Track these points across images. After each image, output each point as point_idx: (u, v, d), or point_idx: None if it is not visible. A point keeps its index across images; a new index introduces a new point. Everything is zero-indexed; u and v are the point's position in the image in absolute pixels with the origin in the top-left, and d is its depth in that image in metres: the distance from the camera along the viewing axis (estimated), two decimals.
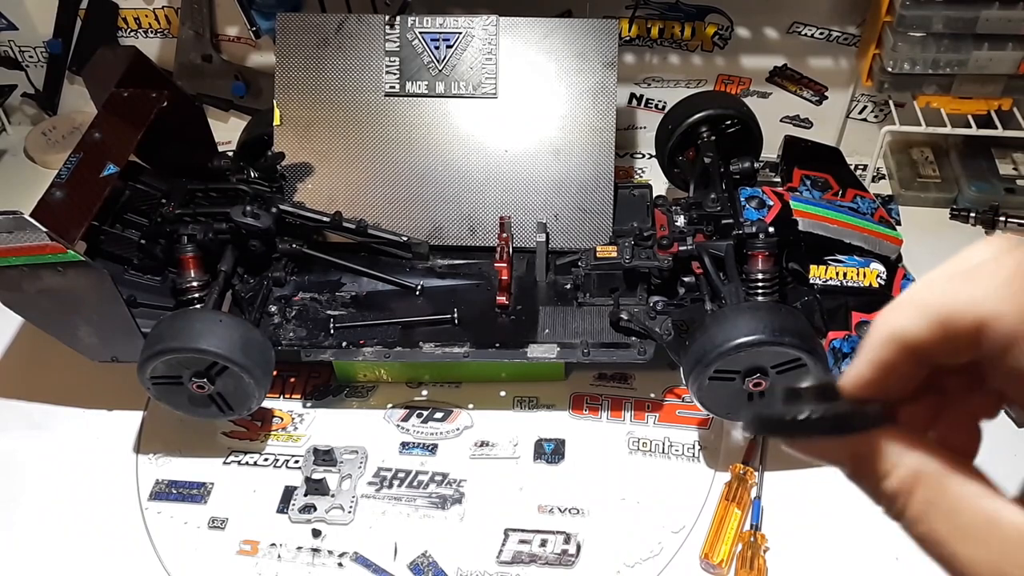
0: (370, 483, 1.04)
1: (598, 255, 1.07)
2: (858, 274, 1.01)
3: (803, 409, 0.30)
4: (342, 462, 1.05)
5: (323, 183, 1.17)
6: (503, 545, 0.98)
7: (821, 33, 1.35)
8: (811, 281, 1.01)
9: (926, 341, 0.28)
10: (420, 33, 1.16)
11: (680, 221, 1.10)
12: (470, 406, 1.12)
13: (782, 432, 0.31)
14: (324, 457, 1.05)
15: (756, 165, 1.15)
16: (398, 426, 1.10)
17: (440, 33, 1.15)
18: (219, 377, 0.97)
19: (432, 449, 1.07)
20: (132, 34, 1.47)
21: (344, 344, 1.06)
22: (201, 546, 0.99)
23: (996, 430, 1.11)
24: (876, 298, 1.00)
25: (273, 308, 1.09)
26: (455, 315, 1.07)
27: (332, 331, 1.07)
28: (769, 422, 0.31)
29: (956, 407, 0.32)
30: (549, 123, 1.16)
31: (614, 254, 1.07)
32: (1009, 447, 1.05)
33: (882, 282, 1.01)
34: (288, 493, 1.03)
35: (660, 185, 1.33)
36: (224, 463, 1.07)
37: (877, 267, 1.02)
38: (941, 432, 0.32)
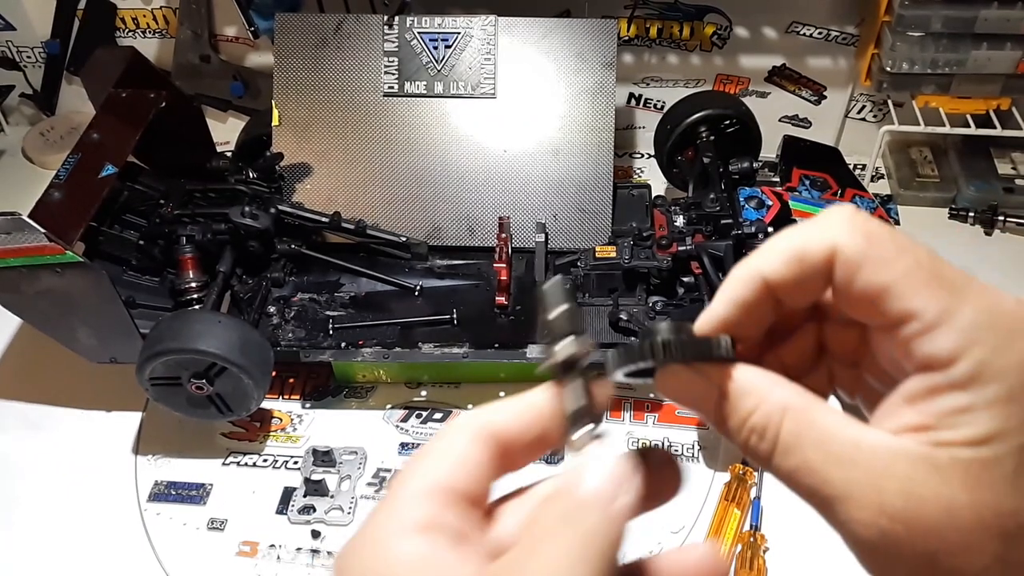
0: (369, 484, 1.04)
1: (597, 255, 1.07)
2: None
3: (658, 336, 0.31)
4: (341, 463, 1.05)
5: (322, 183, 1.17)
6: None
7: (820, 33, 1.35)
8: None
9: (783, 276, 0.31)
10: (419, 33, 1.15)
11: (679, 221, 1.10)
12: (469, 407, 1.12)
13: (639, 361, 0.31)
14: (323, 458, 1.05)
15: (755, 165, 1.15)
16: (397, 427, 1.10)
17: (439, 33, 1.15)
18: (218, 378, 0.97)
19: None
20: (130, 34, 1.47)
21: (343, 345, 1.06)
22: (200, 547, 0.99)
23: None
24: None
25: (272, 309, 1.09)
26: (454, 315, 1.07)
27: (331, 332, 1.07)
28: (628, 354, 0.32)
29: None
30: (548, 123, 1.15)
31: (613, 254, 1.07)
32: None
33: None
34: (287, 494, 1.03)
35: (659, 185, 1.33)
36: (223, 464, 1.07)
37: None
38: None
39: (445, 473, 0.31)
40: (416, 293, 1.12)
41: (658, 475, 0.33)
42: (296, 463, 1.06)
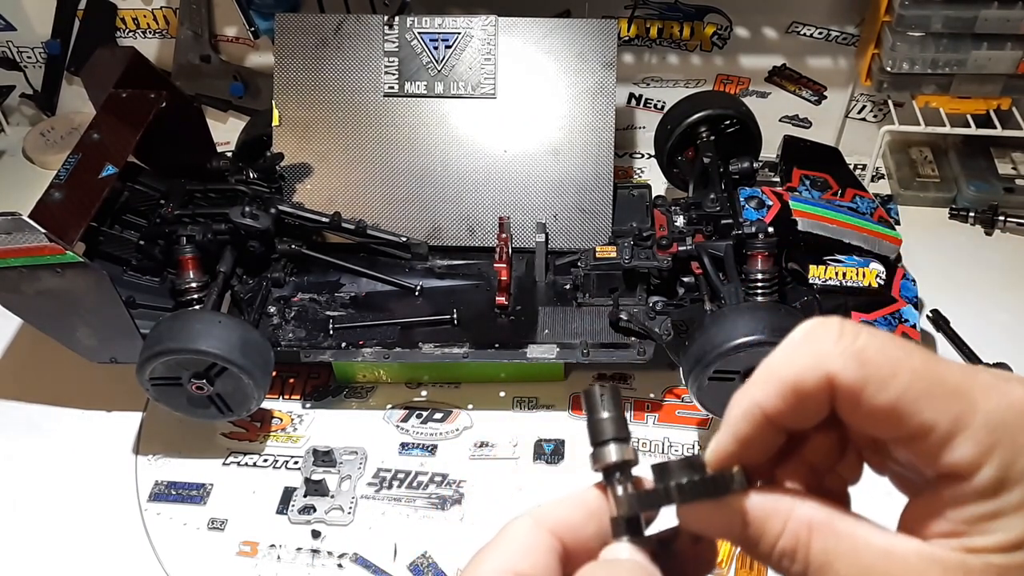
0: (369, 484, 1.04)
1: (597, 255, 1.07)
2: (857, 274, 1.01)
3: (672, 479, 0.32)
4: (341, 463, 1.05)
5: (322, 184, 1.17)
6: None
7: (820, 33, 1.35)
8: (810, 281, 1.01)
9: (781, 410, 0.31)
10: (419, 33, 1.15)
11: (679, 221, 1.10)
12: (469, 407, 1.12)
13: (658, 504, 0.33)
14: (323, 458, 1.05)
15: (755, 165, 1.15)
16: (397, 427, 1.10)
17: (439, 33, 1.15)
18: (218, 378, 0.97)
19: (432, 450, 1.07)
20: (130, 34, 1.47)
21: (343, 345, 1.06)
22: (200, 547, 0.99)
23: None
24: (875, 298, 1.00)
25: (272, 309, 1.09)
26: (454, 315, 1.07)
27: (331, 332, 1.07)
28: (646, 498, 0.33)
29: (825, 468, 0.34)
30: (548, 123, 1.15)
31: (613, 254, 1.07)
32: None
33: (881, 282, 1.01)
34: (288, 494, 1.03)
35: (659, 185, 1.33)
36: (223, 464, 1.07)
37: (876, 267, 1.02)
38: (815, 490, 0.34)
39: (514, 559, 0.32)
40: (416, 293, 1.12)
41: (689, 554, 0.34)
42: (296, 463, 1.06)
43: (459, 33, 1.15)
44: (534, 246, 1.11)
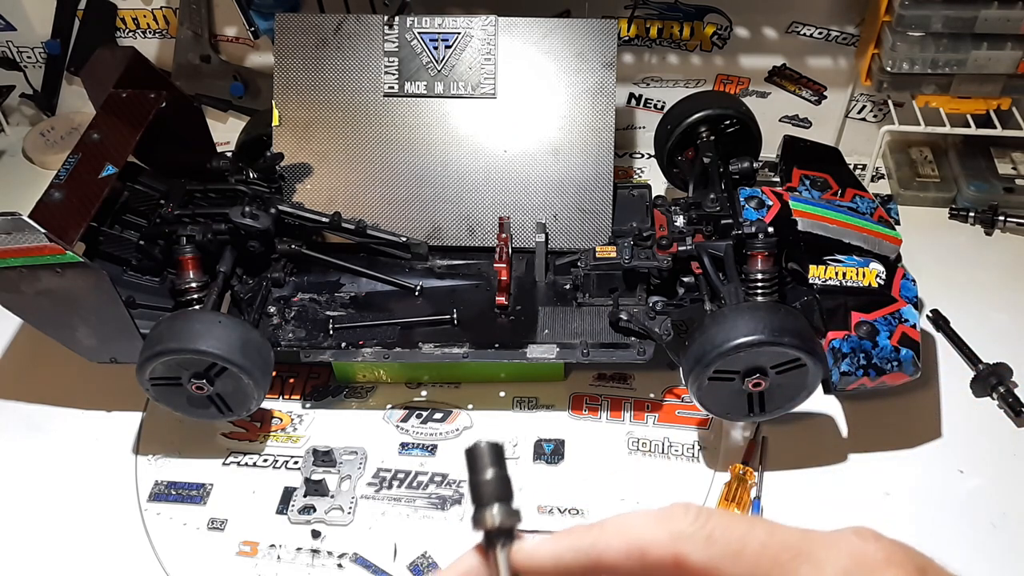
0: (369, 484, 1.04)
1: (597, 255, 1.07)
2: (857, 274, 1.01)
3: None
4: (341, 463, 1.05)
5: (322, 184, 1.17)
6: None
7: (820, 33, 1.35)
8: (810, 281, 1.01)
9: (618, 564, 0.33)
10: (419, 33, 1.15)
11: (679, 221, 1.10)
12: (469, 407, 1.12)
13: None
14: (323, 458, 1.05)
15: (755, 165, 1.15)
16: (397, 427, 1.10)
17: (439, 33, 1.15)
18: (218, 378, 0.97)
19: (431, 450, 1.07)
20: (130, 34, 1.47)
21: (343, 345, 1.06)
22: (200, 547, 0.99)
23: (996, 430, 1.12)
24: (875, 298, 1.00)
25: (272, 309, 1.09)
26: (454, 315, 1.07)
27: (331, 332, 1.07)
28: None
29: None
30: (548, 123, 1.15)
31: (613, 254, 1.07)
32: (1010, 447, 1.05)
33: (881, 282, 1.01)
34: (287, 494, 1.03)
35: (659, 185, 1.33)
36: (223, 464, 1.07)
37: (876, 267, 1.02)
38: None
39: None
40: (416, 293, 1.12)
41: None
42: (296, 463, 1.06)
43: (459, 33, 1.15)
44: (534, 246, 1.11)
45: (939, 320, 1.18)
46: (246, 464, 1.07)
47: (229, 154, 1.24)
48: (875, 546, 0.31)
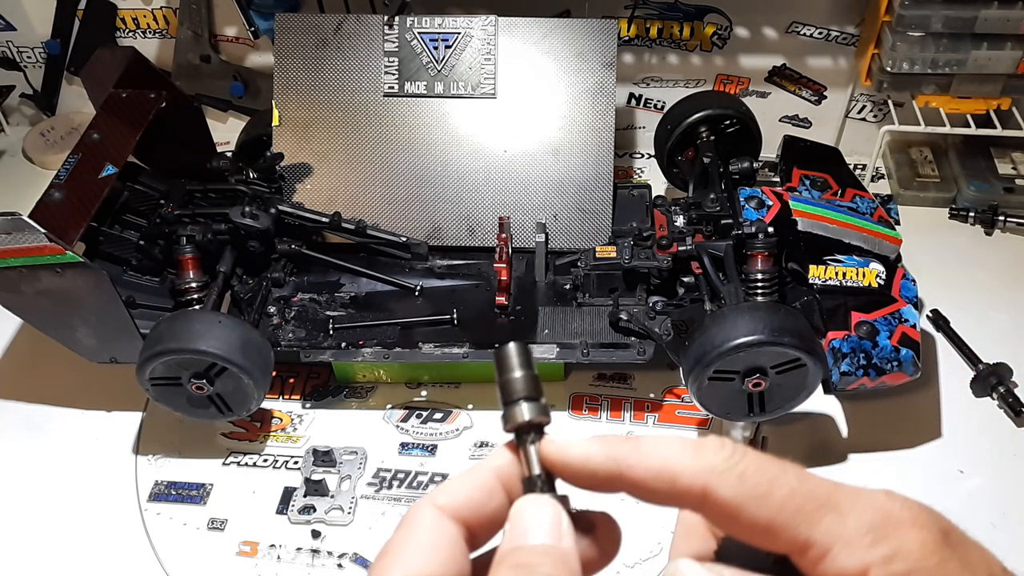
0: (369, 484, 1.04)
1: (597, 255, 1.07)
2: (857, 274, 1.01)
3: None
4: (341, 463, 1.05)
5: (322, 184, 1.17)
6: None
7: (820, 33, 1.35)
8: (810, 281, 1.01)
9: (644, 485, 0.33)
10: (419, 33, 1.15)
11: (679, 221, 1.10)
12: (469, 407, 1.12)
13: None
14: (323, 458, 1.05)
15: (755, 165, 1.15)
16: (397, 427, 1.10)
17: (439, 33, 1.15)
18: (218, 378, 0.97)
19: (431, 450, 1.07)
20: (130, 34, 1.47)
21: (343, 345, 1.05)
22: (200, 547, 0.99)
23: (996, 430, 1.12)
24: (875, 298, 1.00)
25: (272, 309, 1.09)
26: (454, 315, 1.07)
27: (331, 332, 1.07)
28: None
29: None
30: (548, 123, 1.15)
31: (613, 254, 1.07)
32: (1010, 447, 1.05)
33: (881, 282, 1.01)
34: (287, 494, 1.03)
35: (659, 185, 1.33)
36: (223, 464, 1.07)
37: (876, 267, 1.01)
38: None
39: (420, 564, 0.32)
40: (416, 293, 1.12)
41: (598, 534, 0.36)
42: (296, 463, 1.06)
43: (459, 33, 1.15)
44: (534, 246, 1.11)
45: (939, 320, 1.18)
46: (246, 464, 1.07)
47: (229, 154, 1.24)
48: (902, 505, 0.31)
